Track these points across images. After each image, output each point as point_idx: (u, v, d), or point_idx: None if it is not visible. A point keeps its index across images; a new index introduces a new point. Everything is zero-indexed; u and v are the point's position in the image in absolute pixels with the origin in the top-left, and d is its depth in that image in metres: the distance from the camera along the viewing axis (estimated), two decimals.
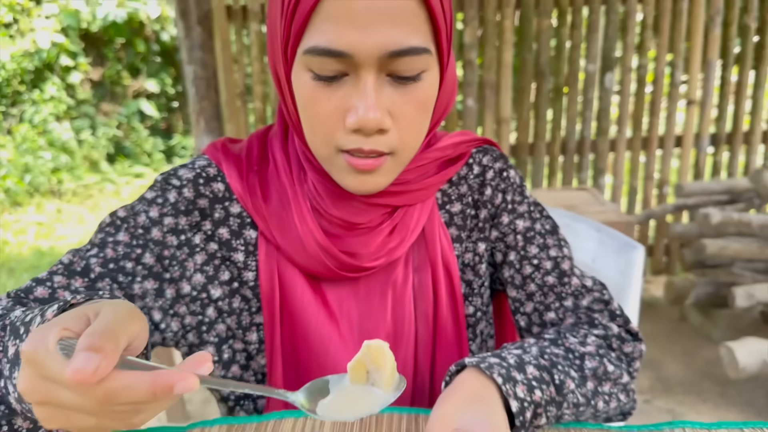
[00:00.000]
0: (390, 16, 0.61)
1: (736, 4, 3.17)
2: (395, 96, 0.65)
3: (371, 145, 0.66)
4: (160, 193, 0.77)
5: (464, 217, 0.86)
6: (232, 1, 3.00)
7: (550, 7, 3.13)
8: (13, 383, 0.51)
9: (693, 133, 3.33)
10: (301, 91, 0.66)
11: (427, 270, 0.82)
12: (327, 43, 0.61)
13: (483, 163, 0.86)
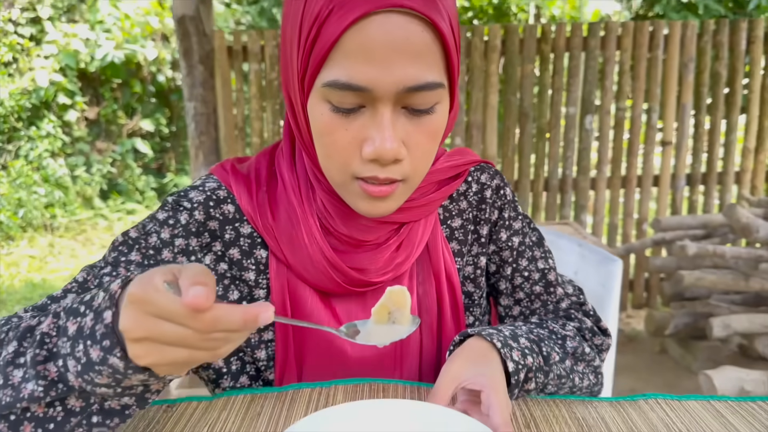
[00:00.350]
0: (408, 52, 0.64)
1: (708, 52, 3.38)
2: (409, 127, 0.69)
3: (386, 174, 0.69)
4: (171, 214, 0.80)
5: (465, 232, 0.91)
6: (233, 41, 3.16)
7: (533, 54, 3.32)
8: (76, 357, 0.56)
9: (669, 173, 3.49)
10: (318, 120, 0.69)
11: (431, 283, 0.87)
12: (347, 78, 0.64)
13: (481, 181, 0.92)
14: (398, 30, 0.63)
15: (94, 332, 0.55)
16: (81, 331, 0.56)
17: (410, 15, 0.64)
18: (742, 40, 3.37)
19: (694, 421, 0.75)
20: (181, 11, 2.96)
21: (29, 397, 0.58)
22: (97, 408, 0.61)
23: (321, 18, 0.64)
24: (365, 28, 0.63)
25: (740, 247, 2.68)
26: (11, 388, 0.59)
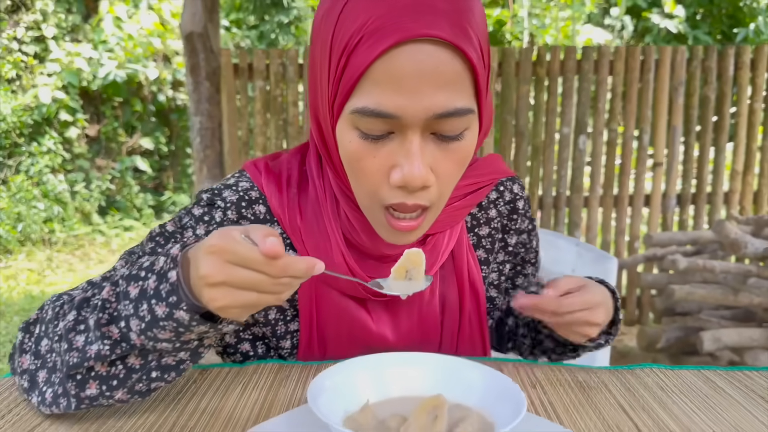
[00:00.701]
0: (437, 80, 0.64)
1: (697, 77, 3.51)
2: (438, 153, 0.69)
3: (414, 200, 0.70)
4: (206, 211, 0.83)
5: (492, 240, 0.94)
6: (239, 59, 3.25)
7: (529, 77, 3.44)
8: (140, 316, 0.62)
9: (660, 193, 3.60)
10: (347, 146, 0.70)
11: (454, 288, 0.90)
12: (376, 106, 0.65)
13: (514, 191, 0.96)
14: (427, 59, 0.64)
15: (159, 291, 0.61)
16: (144, 293, 0.62)
17: (439, 44, 0.64)
18: (730, 66, 3.50)
19: (686, 385, 0.82)
20: (189, 28, 3.06)
21: (95, 356, 0.64)
22: (155, 364, 0.67)
23: (350, 47, 0.65)
24: (394, 58, 0.64)
25: (729, 263, 2.76)
26: (76, 350, 0.65)
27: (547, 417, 0.72)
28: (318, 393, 0.63)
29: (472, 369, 0.70)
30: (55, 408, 0.68)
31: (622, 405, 0.76)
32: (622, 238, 3.60)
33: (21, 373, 0.72)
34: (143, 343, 0.64)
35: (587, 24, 9.11)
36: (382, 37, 0.63)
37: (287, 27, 7.18)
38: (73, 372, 0.66)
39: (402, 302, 0.87)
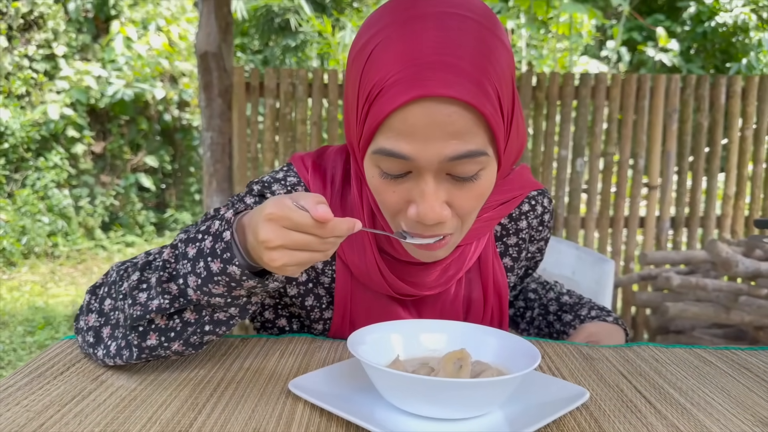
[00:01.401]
0: (449, 131, 0.68)
1: (690, 105, 3.64)
2: (454, 190, 0.74)
3: (431, 231, 0.76)
4: (257, 201, 0.89)
5: (519, 250, 1.01)
6: (251, 78, 3.37)
7: (528, 101, 3.57)
8: (197, 272, 0.70)
9: (655, 215, 3.70)
10: (370, 180, 0.77)
11: (479, 291, 0.96)
12: (392, 148, 0.70)
13: (544, 204, 1.02)
14: (440, 114, 0.68)
15: (215, 249, 0.70)
16: (201, 252, 0.71)
17: (450, 101, 0.68)
18: (722, 95, 3.64)
19: (678, 358, 0.91)
20: (204, 48, 3.19)
21: (156, 309, 0.73)
22: (208, 319, 0.76)
23: (372, 97, 0.71)
24: (409, 110, 0.68)
25: (721, 281, 2.86)
26: (139, 305, 0.74)
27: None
28: (355, 345, 0.71)
29: (491, 333, 0.79)
30: (118, 359, 0.77)
31: (621, 371, 0.85)
32: (617, 259, 3.69)
33: (87, 330, 0.80)
34: (199, 298, 0.72)
35: (584, 55, 9.33)
36: (400, 92, 0.68)
37: (294, 51, 7.34)
38: (136, 324, 0.75)
39: (428, 302, 0.94)
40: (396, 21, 0.71)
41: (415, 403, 0.65)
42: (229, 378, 0.78)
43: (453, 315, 0.95)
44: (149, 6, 6.98)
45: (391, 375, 0.64)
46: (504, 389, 0.65)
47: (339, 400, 0.68)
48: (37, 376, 0.77)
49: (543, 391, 0.73)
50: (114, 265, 0.86)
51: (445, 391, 0.62)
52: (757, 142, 3.72)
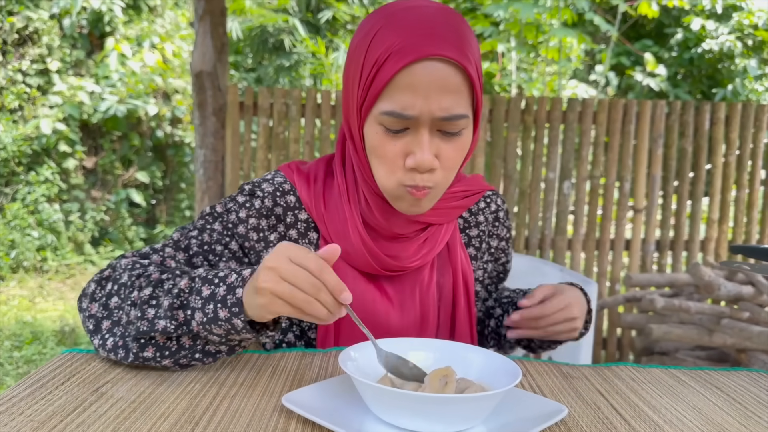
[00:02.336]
0: (444, 89, 0.84)
1: (675, 130, 3.73)
2: (441, 144, 0.88)
3: (423, 183, 0.89)
4: (248, 199, 1.01)
5: (480, 241, 1.14)
6: (245, 97, 3.42)
7: (517, 124, 3.63)
8: (205, 312, 0.80)
9: (640, 238, 3.77)
10: (373, 138, 0.90)
11: (449, 276, 1.07)
12: (400, 109, 0.85)
13: (497, 203, 1.17)
14: (438, 72, 0.84)
15: (225, 300, 0.80)
16: (214, 296, 0.81)
17: (447, 62, 0.84)
18: (706, 121, 3.73)
19: (654, 378, 0.96)
20: (199, 67, 3.24)
21: (161, 330, 0.82)
22: (200, 348, 0.85)
23: (380, 62, 0.85)
24: (413, 71, 0.84)
25: (704, 304, 2.91)
26: (147, 320, 0.83)
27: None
28: (346, 361, 0.75)
29: (475, 351, 0.84)
30: (111, 355, 0.86)
31: (598, 389, 0.89)
32: (603, 280, 3.75)
33: (88, 317, 0.90)
34: (199, 331, 0.82)
35: (573, 79, 9.47)
36: (405, 55, 0.83)
37: (287, 70, 7.41)
38: (140, 337, 0.83)
39: (406, 285, 1.04)
40: (394, 11, 0.88)
41: (402, 417, 0.69)
42: (223, 393, 0.81)
43: (428, 298, 1.05)
44: (144, 23, 7.04)
45: (379, 390, 0.68)
46: (486, 405, 0.68)
47: (330, 414, 0.72)
48: (39, 387, 0.80)
49: (523, 407, 0.77)
50: (121, 261, 0.94)
51: (430, 405, 0.66)
52: (739, 167, 3.80)
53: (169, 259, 0.99)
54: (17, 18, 6.19)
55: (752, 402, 0.88)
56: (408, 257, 1.01)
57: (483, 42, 7.21)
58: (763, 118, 3.77)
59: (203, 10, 3.23)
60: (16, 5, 6.21)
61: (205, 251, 1.00)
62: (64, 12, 6.46)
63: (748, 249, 1.17)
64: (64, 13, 6.46)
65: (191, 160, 6.81)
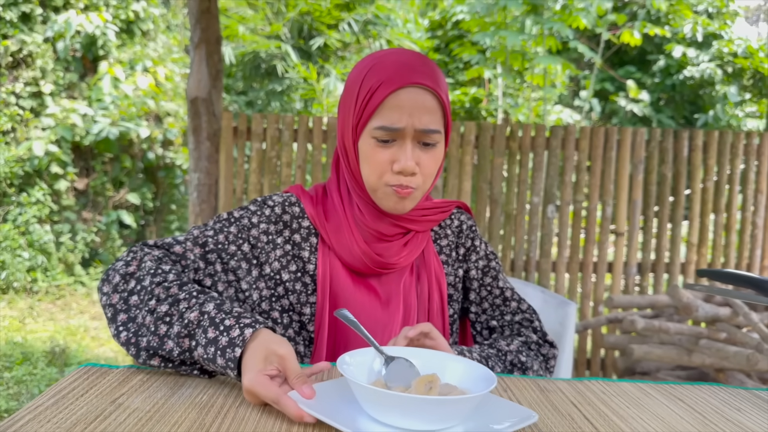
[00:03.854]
0: (423, 109, 1.08)
1: (655, 156, 3.86)
2: (421, 154, 1.11)
3: (407, 183, 1.10)
4: (260, 207, 1.20)
5: (450, 250, 1.30)
6: (238, 122, 3.52)
7: (503, 150, 3.75)
8: (206, 350, 0.92)
9: (622, 261, 3.88)
10: (366, 150, 1.11)
11: (425, 280, 1.24)
12: (389, 124, 1.08)
13: (461, 219, 1.33)
14: (418, 96, 1.08)
15: (225, 351, 0.91)
16: (216, 342, 0.92)
17: (425, 89, 1.08)
18: (684, 148, 3.86)
19: (623, 391, 1.04)
20: (194, 93, 3.33)
21: (168, 351, 0.95)
22: (198, 367, 0.98)
23: (373, 89, 1.08)
24: (399, 94, 1.07)
25: (683, 325, 3.01)
26: (158, 337, 0.96)
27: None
28: (343, 365, 0.84)
29: (458, 361, 0.93)
30: (123, 347, 0.98)
31: (572, 401, 0.98)
32: (587, 302, 3.85)
33: (108, 304, 1.02)
34: (199, 360, 0.95)
35: (558, 104, 9.67)
36: (393, 83, 1.07)
37: (279, 95, 7.53)
38: (149, 349, 0.96)
39: (392, 283, 1.21)
40: (382, 55, 1.12)
41: (391, 416, 0.78)
42: (230, 403, 0.89)
43: (410, 297, 1.21)
44: (137, 47, 7.14)
45: (372, 391, 0.77)
46: (465, 407, 0.78)
47: (328, 412, 0.80)
48: (61, 398, 0.87)
49: (498, 412, 0.86)
50: (146, 257, 1.07)
51: (416, 405, 0.75)
52: (717, 192, 3.93)
53: (189, 251, 1.11)
54: (11, 41, 6.28)
55: (711, 412, 0.97)
56: (392, 255, 1.19)
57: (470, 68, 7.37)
58: (738, 145, 3.91)
59: (199, 38, 3.33)
60: (11, 29, 6.30)
61: (219, 250, 1.13)
62: (58, 36, 6.55)
63: (713, 273, 1.27)
64: (58, 36, 6.55)
65: (182, 182, 6.87)
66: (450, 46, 8.72)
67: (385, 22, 8.07)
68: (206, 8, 3.33)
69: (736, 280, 1.23)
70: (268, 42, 7.45)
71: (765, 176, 3.94)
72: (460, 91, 7.95)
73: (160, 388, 0.93)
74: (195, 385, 0.96)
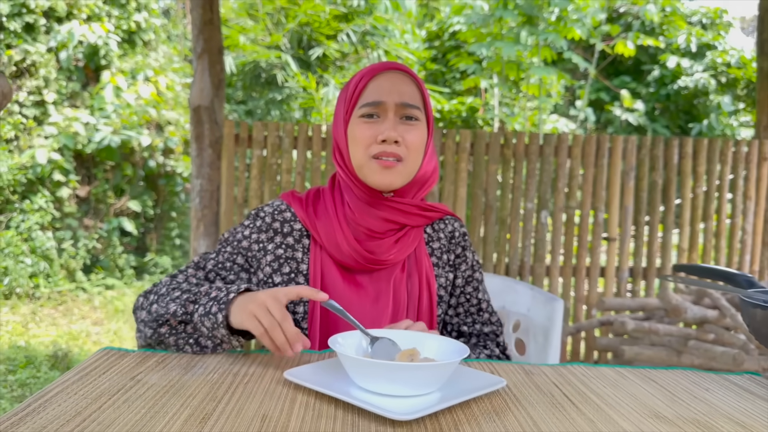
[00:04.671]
0: (401, 84, 1.22)
1: (646, 164, 3.95)
2: (403, 127, 1.22)
3: (391, 150, 1.20)
4: (252, 221, 1.31)
5: (441, 253, 1.37)
6: (240, 130, 3.61)
7: (497, 157, 3.85)
8: (205, 306, 1.06)
9: (614, 266, 3.96)
10: (354, 130, 1.22)
11: (416, 278, 1.31)
12: (371, 100, 1.21)
13: (455, 226, 1.41)
14: (396, 77, 1.23)
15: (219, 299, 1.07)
16: (216, 297, 1.07)
17: (403, 73, 1.24)
18: (675, 155, 3.96)
19: (602, 374, 1.13)
20: (197, 102, 3.42)
21: (172, 312, 1.09)
22: (195, 338, 1.09)
23: (357, 81, 1.24)
24: (379, 78, 1.23)
25: (672, 326, 3.10)
26: (165, 307, 1.10)
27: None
28: (335, 344, 0.94)
29: (435, 338, 1.03)
30: (142, 338, 1.15)
31: (554, 382, 1.06)
32: (580, 306, 3.93)
33: (140, 321, 1.15)
34: (197, 322, 1.07)
35: (554, 114, 9.79)
36: (374, 71, 1.23)
37: (279, 104, 7.64)
38: (158, 318, 1.11)
39: (381, 280, 1.27)
40: (372, 66, 1.25)
41: (376, 383, 0.88)
42: (238, 380, 0.97)
43: (400, 293, 1.28)
44: (138, 57, 7.25)
45: (361, 362, 0.86)
46: (442, 372, 0.88)
47: (323, 384, 0.90)
48: (84, 375, 0.95)
49: (471, 380, 0.98)
50: (162, 281, 1.21)
51: (400, 372, 0.85)
52: (707, 199, 4.03)
53: (191, 277, 1.24)
54: (15, 51, 6.38)
55: (681, 391, 1.05)
56: (383, 252, 1.26)
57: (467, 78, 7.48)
58: (728, 153, 4.01)
59: (202, 49, 3.43)
60: (15, 39, 6.40)
61: (218, 269, 1.25)
62: (61, 45, 6.66)
63: (689, 267, 1.35)
64: (61, 46, 6.66)
65: (182, 189, 6.96)
66: (447, 56, 8.85)
67: (383, 33, 8.19)
68: (209, 19, 3.43)
69: (709, 274, 1.32)
70: (268, 52, 7.56)
71: (753, 183, 4.03)
72: (457, 100, 8.06)
73: (175, 368, 1.02)
74: (206, 365, 1.04)
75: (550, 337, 1.65)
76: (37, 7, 6.55)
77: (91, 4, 6.88)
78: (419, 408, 0.83)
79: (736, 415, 0.94)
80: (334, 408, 0.87)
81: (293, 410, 0.85)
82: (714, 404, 0.99)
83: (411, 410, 0.82)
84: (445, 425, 0.83)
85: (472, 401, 0.93)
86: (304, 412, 0.85)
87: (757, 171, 4.03)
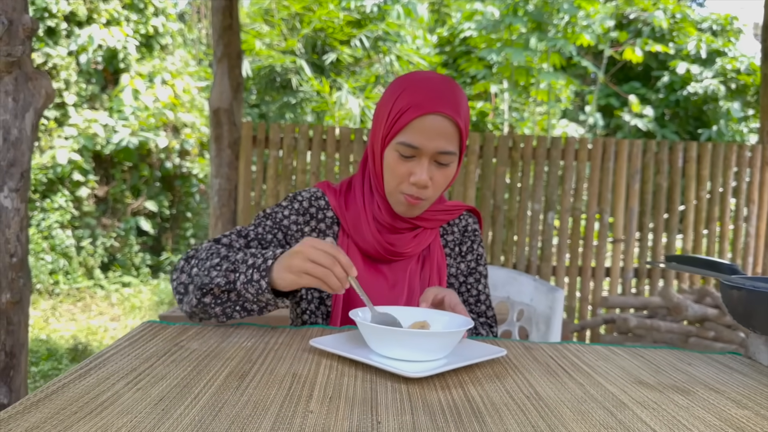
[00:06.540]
0: (442, 133, 1.24)
1: (651, 167, 4.06)
2: (435, 171, 1.28)
3: (419, 194, 1.28)
4: (290, 203, 1.41)
5: (453, 245, 1.50)
6: (257, 132, 3.75)
7: (506, 159, 3.96)
8: (246, 275, 1.13)
9: (619, 266, 4.06)
10: (390, 160, 1.29)
11: (428, 269, 1.43)
12: (411, 142, 1.24)
13: (468, 221, 1.52)
14: (439, 123, 1.24)
15: (260, 267, 1.15)
16: (254, 265, 1.16)
17: (445, 116, 1.24)
18: (679, 159, 4.06)
19: (596, 351, 1.24)
20: (217, 105, 3.56)
21: (216, 284, 1.17)
22: (240, 304, 1.19)
23: (403, 110, 1.25)
24: (423, 119, 1.24)
25: (673, 323, 3.20)
26: (209, 277, 1.18)
27: (499, 359, 1.14)
28: (355, 316, 1.06)
29: (443, 314, 1.16)
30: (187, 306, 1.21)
31: (551, 356, 1.18)
32: (585, 304, 4.03)
33: (179, 284, 1.24)
34: (240, 289, 1.16)
35: (563, 119, 9.88)
36: (420, 109, 1.23)
37: (292, 107, 7.79)
38: (203, 287, 1.19)
39: (399, 269, 1.39)
40: (415, 79, 1.28)
41: (391, 349, 1.01)
42: (270, 347, 1.10)
43: (414, 282, 1.40)
44: (155, 60, 7.42)
45: (376, 328, 0.99)
46: (449, 340, 1.01)
47: (344, 348, 1.03)
48: (134, 341, 1.08)
49: (475, 349, 1.10)
50: (202, 246, 1.31)
51: (410, 338, 0.98)
52: (711, 202, 4.12)
53: (234, 242, 1.35)
54: (37, 54, 6.56)
55: (665, 365, 1.16)
56: (402, 246, 1.38)
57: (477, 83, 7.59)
58: (731, 157, 4.10)
59: (221, 53, 3.57)
60: (37, 42, 6.59)
61: (258, 239, 1.37)
62: (81, 49, 6.84)
63: (680, 257, 1.47)
64: (81, 50, 6.84)
65: (197, 190, 7.11)
66: (458, 61, 8.98)
67: (395, 39, 8.33)
68: (228, 25, 3.57)
69: (698, 264, 1.43)
70: (283, 57, 7.72)
71: (756, 187, 4.12)
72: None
73: (212, 336, 1.14)
74: (241, 334, 1.17)
75: (551, 325, 1.77)
76: (58, 11, 6.74)
77: (110, 8, 7.06)
78: (429, 368, 0.96)
79: (713, 383, 1.06)
80: (355, 369, 0.99)
81: (319, 370, 0.98)
82: (694, 375, 1.11)
83: (422, 370, 0.94)
84: (451, 383, 0.96)
85: (476, 367, 1.05)
86: (329, 372, 0.97)
87: (760, 175, 4.12)
